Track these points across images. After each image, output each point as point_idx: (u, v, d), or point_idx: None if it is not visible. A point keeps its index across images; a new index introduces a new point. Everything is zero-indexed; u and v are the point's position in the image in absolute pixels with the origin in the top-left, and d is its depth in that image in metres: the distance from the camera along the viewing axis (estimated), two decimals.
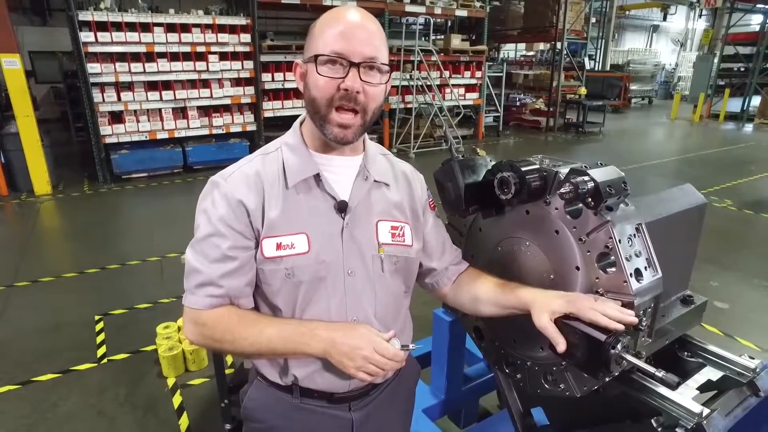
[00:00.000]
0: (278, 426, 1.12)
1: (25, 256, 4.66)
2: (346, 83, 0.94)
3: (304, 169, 1.02)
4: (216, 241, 0.98)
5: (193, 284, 1.00)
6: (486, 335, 1.43)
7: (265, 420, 1.13)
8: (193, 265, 1.00)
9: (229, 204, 0.99)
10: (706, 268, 4.40)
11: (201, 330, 1.00)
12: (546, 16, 11.92)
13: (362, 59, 0.94)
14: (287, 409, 1.10)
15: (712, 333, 3.39)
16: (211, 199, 1.01)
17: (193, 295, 1.00)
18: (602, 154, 9.88)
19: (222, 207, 0.99)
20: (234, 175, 1.02)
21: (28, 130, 6.33)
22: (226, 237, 0.98)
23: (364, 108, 0.97)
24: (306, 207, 1.02)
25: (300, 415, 1.10)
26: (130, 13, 6.81)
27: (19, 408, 2.63)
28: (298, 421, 1.10)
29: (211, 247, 0.99)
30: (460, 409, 2.39)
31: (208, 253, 0.99)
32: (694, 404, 1.20)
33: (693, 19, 25.65)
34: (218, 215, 0.98)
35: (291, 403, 1.09)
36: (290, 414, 1.10)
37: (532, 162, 1.15)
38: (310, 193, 1.03)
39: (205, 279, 0.99)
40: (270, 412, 1.12)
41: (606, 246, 1.02)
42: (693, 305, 1.48)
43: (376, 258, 1.05)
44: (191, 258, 1.01)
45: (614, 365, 0.91)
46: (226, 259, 0.98)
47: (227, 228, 0.98)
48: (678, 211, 1.37)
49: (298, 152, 1.04)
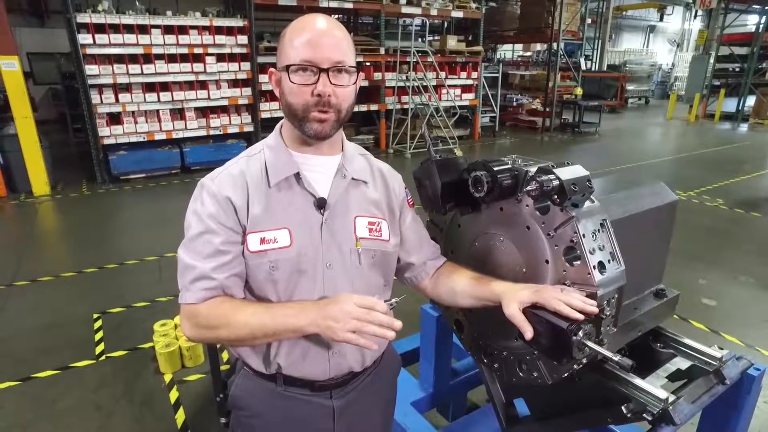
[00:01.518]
0: (263, 413, 1.18)
1: (25, 256, 4.72)
2: (318, 89, 1.00)
3: (284, 168, 1.09)
4: (208, 238, 1.04)
5: (187, 280, 1.05)
6: (465, 327, 1.50)
7: (251, 407, 1.19)
8: (186, 263, 1.05)
9: (218, 202, 1.05)
10: (694, 266, 4.48)
11: (197, 321, 1.05)
12: (541, 17, 12.01)
13: (330, 64, 1.00)
14: (271, 396, 1.16)
15: (699, 329, 3.46)
16: (200, 200, 1.07)
17: (188, 291, 1.05)
18: (598, 154, 9.96)
19: (211, 205, 1.05)
20: (221, 176, 1.09)
21: (27, 131, 6.39)
22: (218, 233, 1.04)
23: (338, 108, 1.04)
24: (287, 204, 1.08)
25: (283, 402, 1.16)
26: (127, 15, 6.88)
27: (20, 403, 2.69)
28: (281, 408, 1.16)
29: (203, 243, 1.04)
30: (449, 403, 2.46)
31: (201, 250, 1.04)
32: (661, 391, 1.26)
33: (689, 20, 25.77)
34: (208, 213, 1.05)
35: (275, 392, 1.15)
36: (274, 402, 1.16)
37: (504, 162, 1.21)
38: (290, 191, 1.09)
39: (199, 274, 1.04)
40: (255, 400, 1.18)
41: (571, 240, 1.09)
42: (665, 299, 1.55)
43: (353, 251, 1.11)
44: (185, 256, 1.06)
45: (576, 351, 0.97)
46: (218, 254, 1.04)
47: (218, 225, 1.04)
48: (648, 209, 1.43)
49: (279, 153, 1.11)
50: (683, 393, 1.35)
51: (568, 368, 1.15)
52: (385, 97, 9.60)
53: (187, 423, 2.55)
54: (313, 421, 1.18)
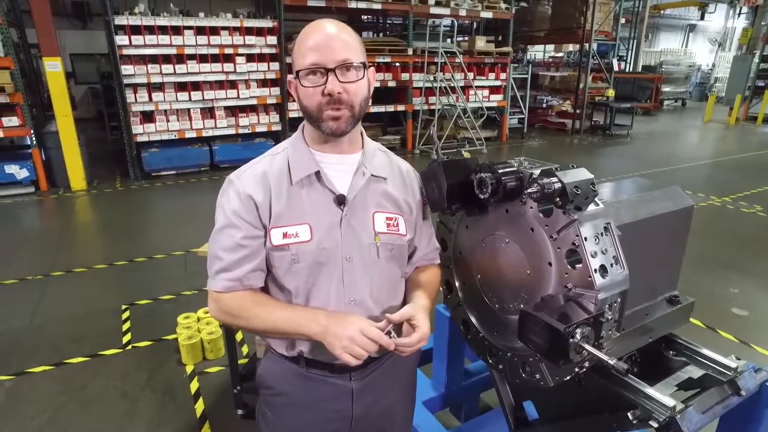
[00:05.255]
0: (286, 391, 1.26)
1: (61, 247, 4.95)
2: (328, 88, 1.05)
3: (306, 167, 1.15)
4: (230, 232, 1.13)
5: (213, 270, 1.15)
6: (472, 327, 1.51)
7: (275, 386, 1.27)
8: (213, 253, 1.15)
9: (240, 199, 1.12)
10: (726, 274, 4.32)
11: (220, 306, 1.15)
12: (573, 18, 11.76)
13: (336, 64, 1.05)
14: (295, 377, 1.23)
15: (728, 340, 3.34)
16: (227, 195, 1.15)
17: (213, 279, 1.15)
18: (628, 157, 9.70)
19: (235, 202, 1.13)
20: (245, 174, 1.16)
21: (67, 129, 6.68)
22: (239, 228, 1.12)
23: (350, 104, 1.09)
24: (308, 200, 1.14)
25: (306, 382, 1.23)
26: (162, 17, 7.11)
27: (52, 387, 2.84)
28: (303, 387, 1.23)
29: (226, 236, 1.13)
30: (461, 403, 2.46)
31: (224, 242, 1.13)
32: (669, 399, 1.24)
33: (733, 18, 24.75)
34: (232, 209, 1.12)
35: (298, 372, 1.22)
36: (297, 381, 1.23)
37: (510, 164, 1.22)
38: (312, 188, 1.15)
39: (222, 265, 1.13)
40: (280, 380, 1.26)
41: (573, 243, 1.09)
42: (679, 305, 1.52)
43: (372, 246, 1.17)
44: (212, 246, 1.16)
45: (573, 353, 0.97)
46: (238, 248, 1.12)
47: (239, 219, 1.12)
48: (661, 213, 1.41)
49: (301, 152, 1.18)
50: (693, 402, 1.32)
51: (570, 371, 1.15)
52: (412, 97, 9.61)
53: (206, 413, 2.64)
54: (333, 401, 1.23)
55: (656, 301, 1.50)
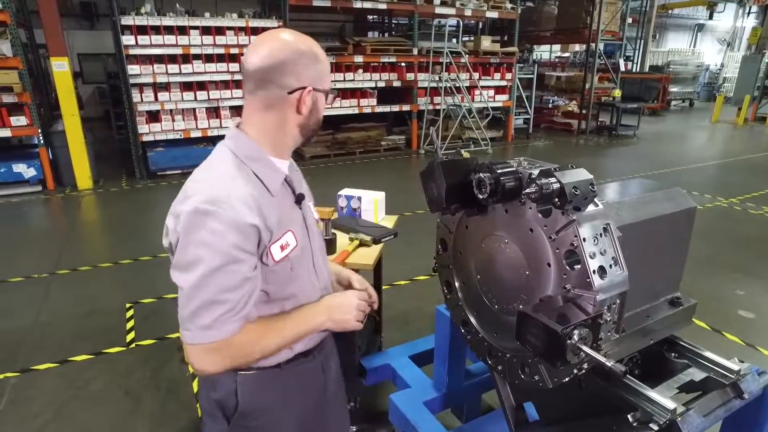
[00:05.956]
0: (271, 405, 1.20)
1: (67, 246, 4.99)
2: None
3: (275, 175, 1.14)
4: (233, 268, 1.01)
5: (213, 318, 1.01)
6: (472, 328, 1.50)
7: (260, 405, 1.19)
8: (209, 299, 1.01)
9: (239, 230, 1.00)
10: (732, 276, 4.29)
11: (229, 353, 1.05)
12: (579, 17, 11.69)
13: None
14: (275, 382, 1.20)
15: (733, 342, 3.31)
16: (207, 230, 0.99)
17: (212, 329, 1.01)
18: (635, 158, 9.64)
19: (231, 235, 1.00)
20: (230, 201, 1.01)
21: (74, 128, 6.73)
22: (243, 261, 1.02)
23: None
24: (283, 207, 1.15)
25: (286, 382, 1.22)
26: (168, 17, 7.15)
27: (57, 384, 2.86)
28: (285, 388, 1.22)
29: (227, 275, 1.00)
30: (462, 404, 2.45)
31: (225, 282, 1.00)
32: (669, 401, 1.23)
33: (742, 17, 24.52)
34: (230, 243, 1.00)
35: (278, 376, 1.20)
36: (278, 386, 1.21)
37: (509, 164, 1.21)
38: (283, 194, 1.17)
39: (227, 308, 1.01)
40: (264, 395, 1.19)
41: (572, 244, 1.08)
42: (681, 307, 1.51)
43: (319, 232, 1.31)
44: (203, 293, 1.01)
45: (571, 355, 0.97)
46: (245, 282, 1.03)
47: (242, 252, 1.01)
48: (663, 214, 1.40)
49: (266, 162, 1.12)
50: (694, 405, 1.31)
51: (568, 372, 1.14)
52: (417, 97, 9.60)
53: None
54: (312, 384, 1.29)
55: (658, 303, 1.49)
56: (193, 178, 1.10)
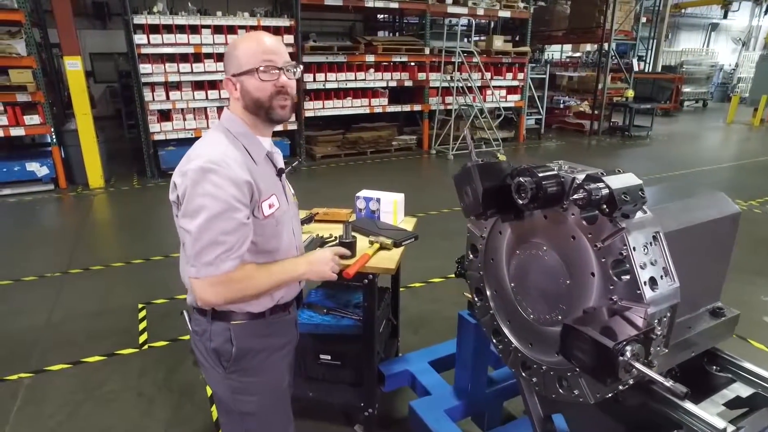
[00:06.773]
0: (262, 347, 1.45)
1: (79, 245, 4.98)
2: (281, 82, 1.31)
3: (260, 149, 1.38)
4: (231, 215, 1.23)
5: (214, 255, 1.23)
6: (504, 338, 1.44)
7: (254, 347, 1.44)
8: (211, 239, 1.22)
9: (237, 185, 1.24)
10: (758, 281, 4.18)
11: (230, 287, 1.27)
12: (593, 17, 11.56)
13: (284, 64, 1.32)
14: (262, 328, 1.45)
15: (759, 350, 3.22)
16: (210, 183, 1.22)
17: (213, 265, 1.23)
18: (648, 159, 9.50)
19: (230, 188, 1.23)
20: (227, 162, 1.25)
21: (86, 127, 6.74)
22: (240, 209, 1.24)
23: (293, 96, 1.37)
24: (268, 175, 1.39)
25: (271, 329, 1.48)
26: (180, 16, 7.13)
27: (70, 385, 2.83)
28: (271, 334, 1.48)
29: (226, 220, 1.22)
30: (484, 412, 2.39)
31: (224, 226, 1.22)
32: (718, 420, 1.17)
33: (758, 16, 24.12)
34: (229, 194, 1.22)
35: (264, 325, 1.44)
36: (266, 332, 1.47)
37: (550, 168, 1.15)
38: (266, 165, 1.40)
39: (226, 247, 1.23)
40: (257, 340, 1.45)
41: (620, 253, 1.02)
42: (723, 318, 1.44)
43: (295, 204, 1.57)
44: (206, 235, 1.22)
45: (623, 372, 0.91)
46: (241, 227, 1.25)
47: (238, 203, 1.24)
48: (706, 221, 1.33)
49: (251, 138, 1.37)
50: (744, 423, 1.24)
51: (614, 388, 1.08)
52: (428, 97, 9.53)
53: None
54: (288, 332, 1.56)
55: (699, 313, 1.42)
56: (195, 146, 1.34)
